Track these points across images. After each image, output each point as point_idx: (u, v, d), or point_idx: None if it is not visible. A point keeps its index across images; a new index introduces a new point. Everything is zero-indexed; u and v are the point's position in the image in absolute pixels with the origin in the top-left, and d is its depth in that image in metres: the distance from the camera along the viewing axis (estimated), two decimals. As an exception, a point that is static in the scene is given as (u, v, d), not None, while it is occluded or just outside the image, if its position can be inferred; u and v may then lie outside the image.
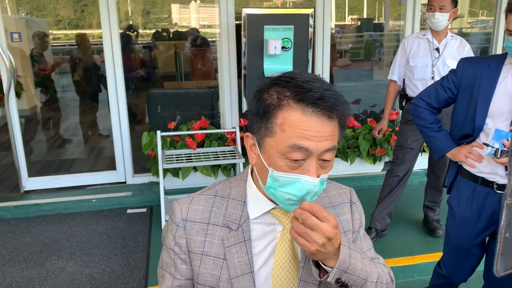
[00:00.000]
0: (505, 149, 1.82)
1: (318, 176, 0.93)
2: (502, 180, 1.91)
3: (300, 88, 0.90)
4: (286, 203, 0.96)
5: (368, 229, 3.19)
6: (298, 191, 0.92)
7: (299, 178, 0.92)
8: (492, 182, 1.94)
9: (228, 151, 3.70)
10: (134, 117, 4.78)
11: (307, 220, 0.88)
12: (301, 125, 0.89)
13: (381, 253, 3.11)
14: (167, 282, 1.08)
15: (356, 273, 0.94)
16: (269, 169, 0.94)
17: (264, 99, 0.94)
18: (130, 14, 5.94)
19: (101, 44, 3.85)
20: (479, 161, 1.93)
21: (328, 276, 0.92)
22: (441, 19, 2.87)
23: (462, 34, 5.83)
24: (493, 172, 1.92)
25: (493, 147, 1.85)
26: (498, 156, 1.84)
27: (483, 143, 1.91)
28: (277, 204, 1.01)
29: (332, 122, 0.91)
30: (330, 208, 1.12)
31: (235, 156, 3.55)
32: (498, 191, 1.92)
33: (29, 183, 3.96)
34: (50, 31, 5.17)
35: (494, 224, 1.99)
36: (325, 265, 0.93)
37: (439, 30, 2.93)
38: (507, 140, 1.81)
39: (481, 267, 2.23)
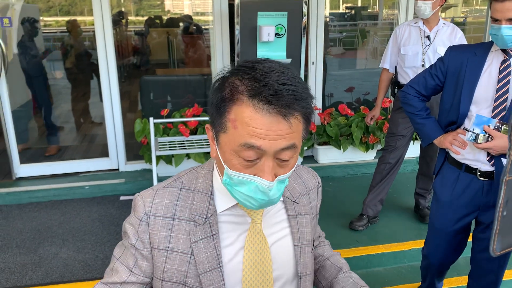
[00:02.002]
0: (486, 134, 1.84)
1: (275, 177, 0.87)
2: (484, 167, 1.93)
3: (255, 81, 0.83)
4: (245, 204, 0.92)
5: (360, 216, 3.23)
6: (253, 192, 0.87)
7: (253, 180, 0.86)
8: (475, 169, 1.96)
9: (221, 139, 3.70)
10: (126, 104, 4.76)
11: None
12: (252, 123, 0.82)
13: (373, 239, 3.17)
14: (121, 275, 1.01)
15: None
16: (224, 166, 0.90)
17: (220, 91, 0.87)
18: (122, 1, 5.87)
19: (93, 31, 3.81)
20: (463, 147, 1.95)
21: None
22: (423, 7, 2.87)
23: (457, 23, 5.84)
24: (476, 159, 1.94)
25: (473, 132, 1.87)
26: (478, 141, 1.86)
27: (464, 128, 1.93)
28: None
29: (289, 119, 0.83)
30: (306, 195, 1.10)
31: (228, 143, 3.55)
32: (480, 178, 1.95)
33: (21, 169, 3.94)
34: (41, 18, 5.09)
35: (476, 211, 2.03)
36: None
37: (424, 18, 2.94)
38: (488, 126, 1.83)
39: (468, 253, 2.27)
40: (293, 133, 0.85)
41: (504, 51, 1.85)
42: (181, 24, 5.49)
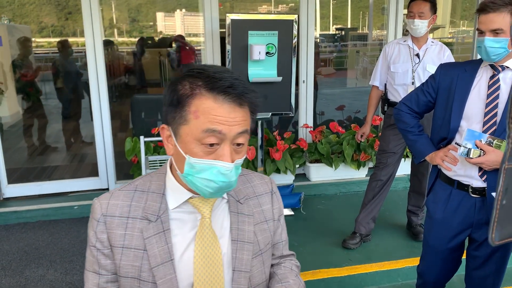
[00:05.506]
0: (478, 149, 1.83)
1: (233, 161, 0.99)
2: (476, 183, 1.91)
3: (211, 78, 0.96)
4: (205, 190, 1.00)
5: (353, 234, 3.20)
6: (215, 176, 0.98)
7: (215, 164, 0.97)
8: (467, 186, 1.95)
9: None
10: (117, 124, 4.74)
11: None
12: (213, 112, 0.95)
13: (366, 257, 3.13)
14: (92, 280, 1.09)
15: None
16: (185, 156, 0.99)
17: (178, 90, 0.98)
18: (115, 22, 5.91)
19: (85, 51, 3.82)
20: (454, 163, 1.94)
21: None
22: (420, 25, 2.92)
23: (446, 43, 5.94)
24: (468, 175, 1.93)
25: (465, 147, 1.85)
26: (470, 156, 1.85)
27: (456, 143, 1.93)
28: (195, 194, 1.06)
29: (242, 108, 0.98)
30: (254, 198, 1.18)
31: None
32: (473, 195, 1.94)
33: (9, 190, 3.88)
34: (33, 39, 5.11)
35: (469, 228, 2.01)
36: None
37: (419, 36, 2.98)
38: (480, 140, 1.83)
39: (462, 271, 2.24)
40: (246, 120, 0.99)
41: (492, 66, 1.87)
42: (173, 43, 5.53)
